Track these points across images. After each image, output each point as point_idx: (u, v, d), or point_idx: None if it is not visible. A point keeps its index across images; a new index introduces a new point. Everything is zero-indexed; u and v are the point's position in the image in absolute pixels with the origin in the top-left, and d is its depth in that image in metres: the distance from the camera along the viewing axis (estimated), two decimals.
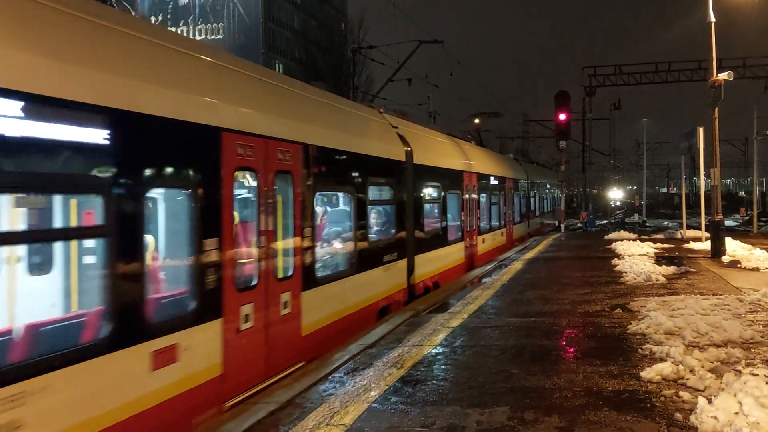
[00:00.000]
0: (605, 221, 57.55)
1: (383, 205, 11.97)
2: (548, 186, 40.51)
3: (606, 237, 26.32)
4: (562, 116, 32.38)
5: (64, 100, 4.62)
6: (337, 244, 10.19)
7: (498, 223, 23.01)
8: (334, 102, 10.72)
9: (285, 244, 7.86)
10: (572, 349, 8.02)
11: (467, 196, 18.04)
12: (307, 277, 8.31)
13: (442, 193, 15.60)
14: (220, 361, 6.29)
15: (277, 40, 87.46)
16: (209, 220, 6.24)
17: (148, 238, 5.63)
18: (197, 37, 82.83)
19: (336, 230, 10.36)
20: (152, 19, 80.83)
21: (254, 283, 7.03)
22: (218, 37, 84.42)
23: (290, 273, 7.92)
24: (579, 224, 44.85)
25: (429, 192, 15.09)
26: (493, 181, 22.45)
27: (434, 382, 6.72)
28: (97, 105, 4.91)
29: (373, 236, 11.07)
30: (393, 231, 11.97)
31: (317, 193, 8.99)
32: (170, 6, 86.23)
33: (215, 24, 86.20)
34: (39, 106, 4.40)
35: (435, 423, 5.51)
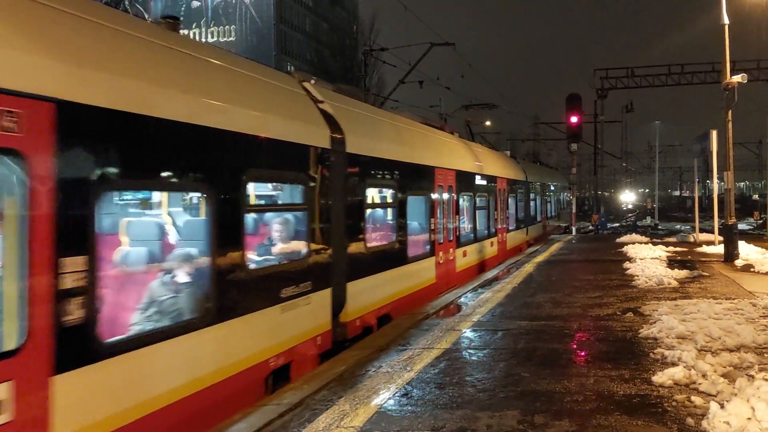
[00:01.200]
0: (617, 224, 57.25)
1: (281, 211, 8.37)
2: (552, 188, 37.54)
3: (618, 240, 26.19)
4: (574, 119, 32.26)
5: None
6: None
7: (486, 232, 19.40)
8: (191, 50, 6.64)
9: None
10: (583, 353, 7.98)
11: (441, 198, 14.62)
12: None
13: (399, 195, 11.90)
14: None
15: (288, 43, 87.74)
16: None
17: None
18: (209, 40, 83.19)
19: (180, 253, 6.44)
20: None
21: None
22: (230, 39, 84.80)
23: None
24: (590, 227, 44.64)
25: (374, 192, 11.62)
26: (480, 181, 18.86)
27: (444, 385, 6.71)
28: None
29: (255, 259, 7.58)
30: (302, 249, 8.20)
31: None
32: (183, 9, 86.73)
33: (227, 26, 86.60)
34: None
35: (445, 426, 5.50)
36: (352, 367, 7.41)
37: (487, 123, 38.17)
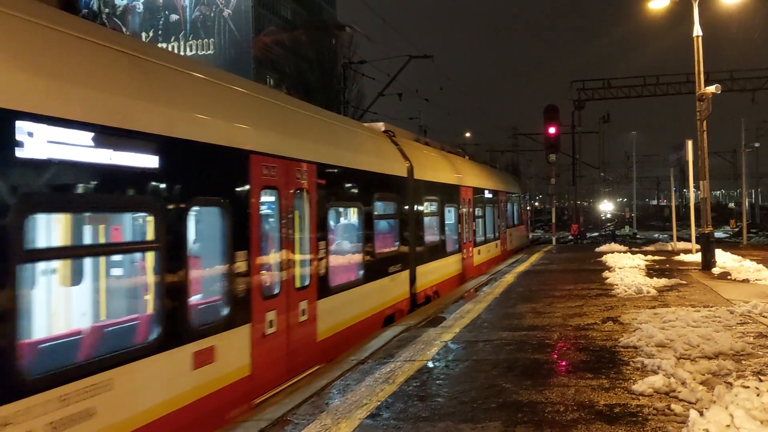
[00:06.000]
0: (596, 233, 57.72)
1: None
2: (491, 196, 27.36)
3: (597, 249, 26.39)
4: (552, 130, 32.59)
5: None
6: None
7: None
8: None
9: None
10: (564, 363, 8.01)
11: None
12: None
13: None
14: None
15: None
16: None
17: None
18: (188, 53, 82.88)
19: None
20: (143, 35, 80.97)
21: None
22: (209, 52, 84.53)
23: None
24: (570, 237, 44.95)
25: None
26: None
27: (426, 397, 6.69)
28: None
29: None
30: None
31: None
32: (161, 22, 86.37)
33: (206, 39, 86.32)
34: None
35: None
36: (334, 380, 7.38)
37: (467, 135, 38.25)
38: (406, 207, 13.57)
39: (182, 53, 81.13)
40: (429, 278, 14.87)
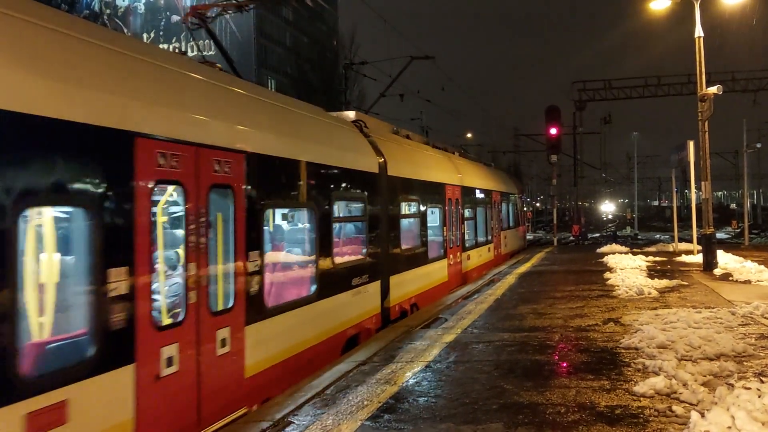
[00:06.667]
0: (597, 234, 57.69)
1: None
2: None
3: (598, 250, 26.36)
4: (553, 130, 32.60)
5: None
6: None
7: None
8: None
9: None
10: (565, 364, 8.00)
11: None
12: None
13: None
14: None
15: (269, 57, 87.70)
16: None
17: None
18: (189, 54, 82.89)
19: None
20: (144, 36, 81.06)
21: None
22: (210, 53, 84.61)
23: None
24: (571, 238, 44.94)
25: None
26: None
27: (427, 398, 6.69)
28: None
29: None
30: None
31: None
32: (162, 23, 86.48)
33: (207, 41, 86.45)
34: None
35: None
36: (335, 382, 7.38)
37: (469, 135, 38.30)
38: (378, 208, 11.72)
39: (184, 54, 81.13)
40: (406, 289, 13.11)
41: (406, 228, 13.68)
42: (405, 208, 13.90)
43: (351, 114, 13.03)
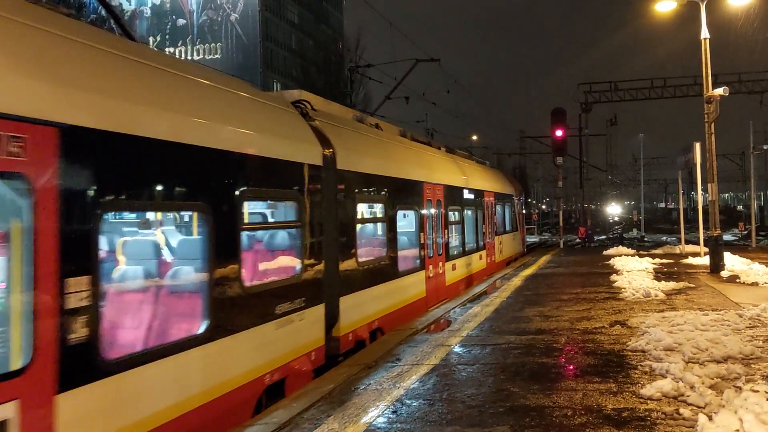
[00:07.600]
0: (604, 236, 57.55)
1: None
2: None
3: (604, 252, 26.31)
4: (559, 132, 32.56)
5: None
6: None
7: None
8: None
9: None
10: (572, 367, 7.99)
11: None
12: None
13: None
14: None
15: (274, 60, 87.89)
16: None
17: None
18: (195, 58, 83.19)
19: None
20: (150, 40, 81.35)
21: None
22: (216, 56, 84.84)
23: None
24: (577, 240, 44.85)
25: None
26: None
27: (434, 401, 6.68)
28: None
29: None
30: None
31: None
32: (168, 27, 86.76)
33: (213, 44, 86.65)
34: None
35: None
36: (340, 385, 7.38)
37: (474, 137, 38.33)
38: (321, 210, 8.94)
39: (189, 58, 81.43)
40: (365, 311, 10.46)
41: (365, 235, 11.56)
42: (364, 211, 11.76)
43: (294, 93, 10.36)
